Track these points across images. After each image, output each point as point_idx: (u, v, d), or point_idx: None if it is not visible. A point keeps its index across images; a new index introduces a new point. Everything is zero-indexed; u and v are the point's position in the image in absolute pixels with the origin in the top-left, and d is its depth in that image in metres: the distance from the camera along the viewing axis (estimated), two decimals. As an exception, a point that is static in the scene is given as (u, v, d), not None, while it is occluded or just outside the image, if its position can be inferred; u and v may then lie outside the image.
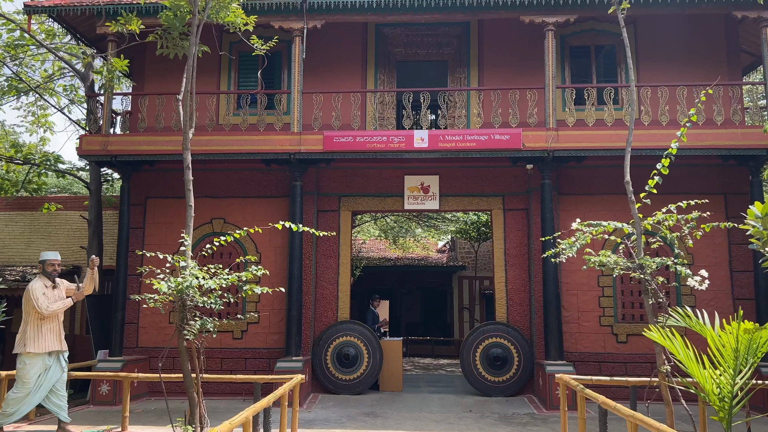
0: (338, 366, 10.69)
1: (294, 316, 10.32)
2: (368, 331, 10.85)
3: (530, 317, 10.84)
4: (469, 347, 10.64)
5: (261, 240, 11.30)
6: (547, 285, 10.08)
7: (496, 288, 11.05)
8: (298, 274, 10.48)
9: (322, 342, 10.81)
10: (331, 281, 11.21)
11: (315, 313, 11.11)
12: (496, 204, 11.22)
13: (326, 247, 11.31)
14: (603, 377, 7.29)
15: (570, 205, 11.01)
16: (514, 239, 11.10)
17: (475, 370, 10.54)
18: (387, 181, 11.40)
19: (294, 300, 10.36)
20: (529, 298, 10.91)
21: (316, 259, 11.26)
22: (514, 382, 10.45)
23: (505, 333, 10.62)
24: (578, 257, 10.99)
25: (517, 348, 10.54)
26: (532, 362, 10.54)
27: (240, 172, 11.49)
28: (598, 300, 10.74)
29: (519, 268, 11.02)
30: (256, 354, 10.95)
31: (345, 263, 11.26)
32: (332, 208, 11.39)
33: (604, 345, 10.59)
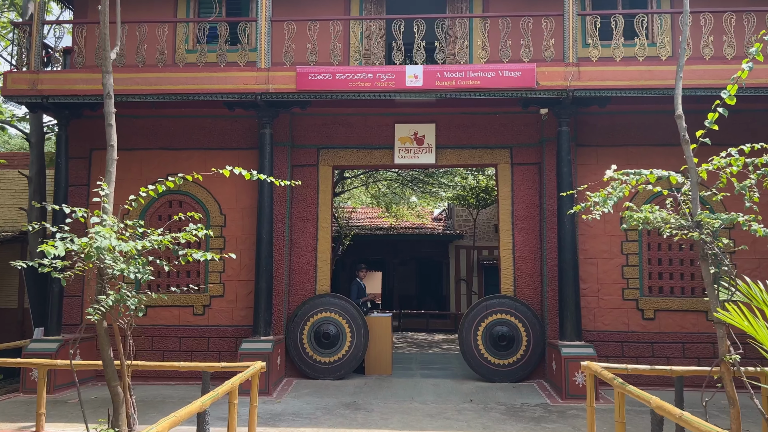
0: (316, 346, 9.13)
1: (263, 288, 8.70)
2: (352, 306, 9.27)
3: (542, 290, 9.26)
4: (470, 324, 9.07)
5: (226, 200, 9.62)
6: (563, 252, 8.47)
7: (501, 256, 9.43)
8: (268, 239, 8.82)
9: (297, 319, 9.23)
10: (309, 248, 9.57)
11: (289, 285, 9.50)
12: (503, 157, 9.53)
13: (303, 209, 9.64)
14: (641, 366, 5.74)
15: (589, 158, 9.33)
16: (523, 198, 9.44)
17: (476, 351, 8.99)
18: (374, 130, 9.67)
19: (263, 270, 8.74)
20: (541, 268, 9.31)
21: (290, 223, 9.59)
22: (521, 365, 8.92)
23: (512, 308, 9.05)
24: (598, 220, 9.38)
25: (525, 326, 8.98)
26: (543, 342, 9.00)
27: (201, 119, 9.74)
28: (621, 270, 9.14)
29: (529, 232, 9.39)
30: (220, 332, 9.37)
31: (325, 227, 9.61)
32: (309, 162, 9.68)
33: (627, 322, 9.04)
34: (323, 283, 9.50)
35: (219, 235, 9.53)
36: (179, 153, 9.74)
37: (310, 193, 9.63)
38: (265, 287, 8.70)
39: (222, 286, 9.46)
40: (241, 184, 9.61)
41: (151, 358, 9.31)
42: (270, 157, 8.94)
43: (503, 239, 9.42)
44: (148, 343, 9.37)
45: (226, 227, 9.56)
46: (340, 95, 8.53)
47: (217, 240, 9.51)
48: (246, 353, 8.26)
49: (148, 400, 7.91)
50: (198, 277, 9.54)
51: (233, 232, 9.54)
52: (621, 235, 9.17)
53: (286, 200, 9.44)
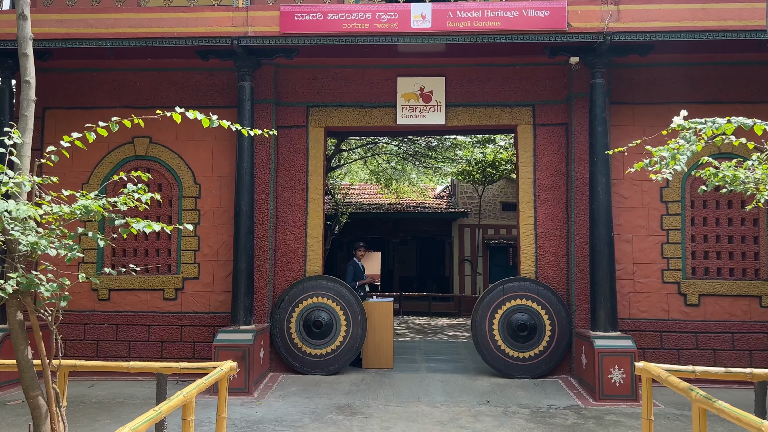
0: (306, 337, 7.86)
1: (242, 269, 7.41)
2: (347, 290, 7.98)
3: (568, 272, 7.97)
4: (484, 311, 7.80)
5: (200, 167, 8.28)
6: (596, 226, 7.17)
7: (521, 232, 8.13)
8: (248, 212, 7.50)
9: (284, 305, 7.95)
10: (297, 223, 8.25)
11: (275, 266, 8.20)
12: (524, 117, 8.17)
13: (290, 177, 8.30)
14: (713, 369, 4.50)
15: (625, 117, 7.98)
16: (547, 165, 8.10)
17: (491, 341, 7.73)
18: (373, 85, 8.29)
19: (242, 248, 7.43)
20: (567, 246, 8.01)
21: (276, 193, 8.26)
22: (544, 358, 7.67)
23: (534, 293, 7.77)
24: (635, 190, 8.05)
25: (549, 313, 7.71)
26: (569, 332, 7.74)
27: (171, 73, 8.35)
28: (661, 248, 7.85)
29: (554, 204, 8.07)
30: (195, 320, 8.09)
31: (316, 199, 8.29)
32: (297, 122, 8.32)
33: (667, 308, 7.77)
34: (314, 264, 8.20)
35: (193, 207, 8.21)
36: (146, 112, 8.32)
37: (298, 158, 8.29)
38: (244, 268, 7.40)
39: (197, 266, 8.16)
40: (218, 149, 8.27)
41: (116, 349, 8.06)
42: (250, 115, 7.58)
43: (523, 213, 8.11)
44: (112, 332, 8.10)
45: (201, 199, 8.24)
46: (332, 39, 7.14)
47: (190, 213, 8.19)
48: (222, 345, 7.01)
49: (105, 401, 6.67)
50: (169, 256, 8.24)
51: (209, 204, 8.22)
52: (661, 207, 7.86)
53: (270, 166, 8.10)
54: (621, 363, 6.76)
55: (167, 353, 8.03)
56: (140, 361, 8.04)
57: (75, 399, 6.73)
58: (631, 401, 6.65)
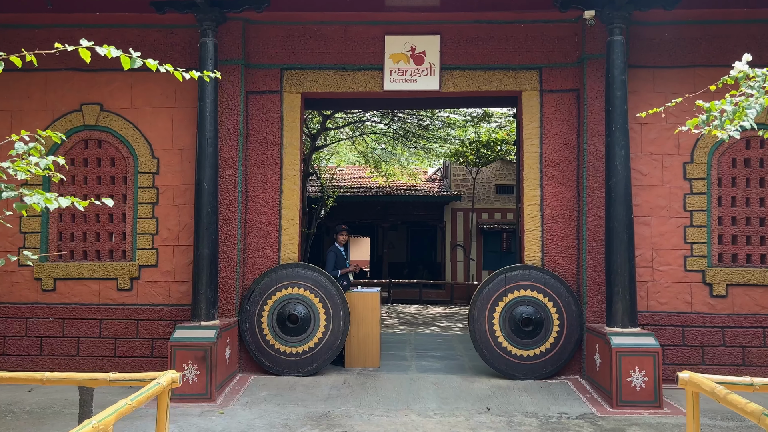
0: (280, 333, 6.88)
1: (204, 256, 6.39)
2: (327, 280, 7.00)
3: (578, 258, 7.02)
4: (484, 304, 6.85)
5: (159, 138, 7.22)
6: (613, 206, 6.20)
7: (524, 214, 7.15)
8: (211, 190, 6.47)
9: (254, 296, 6.96)
10: (270, 203, 7.23)
11: (244, 252, 7.19)
12: (529, 82, 7.16)
13: (261, 150, 7.26)
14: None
15: (644, 83, 6.99)
16: (556, 137, 7.12)
17: (491, 338, 6.79)
18: (357, 44, 7.23)
19: (204, 231, 6.41)
20: (578, 229, 7.05)
21: (245, 169, 7.23)
22: (552, 357, 6.75)
23: (540, 282, 6.82)
24: (654, 166, 7.09)
25: (557, 306, 6.78)
26: (580, 327, 6.81)
27: (124, 31, 7.24)
28: (684, 232, 6.92)
29: (563, 182, 7.10)
30: (153, 313, 7.07)
31: (292, 175, 7.26)
32: (270, 87, 7.26)
33: (690, 300, 6.86)
34: (290, 250, 7.20)
35: (150, 185, 7.16)
36: (97, 76, 7.26)
37: (271, 129, 7.24)
38: (207, 255, 6.39)
39: (155, 252, 7.13)
40: (180, 118, 7.21)
41: (62, 347, 7.04)
42: (214, 80, 6.47)
43: (528, 192, 7.13)
44: (58, 327, 7.07)
45: (160, 175, 7.18)
46: (308, -14, 6.08)
47: (147, 192, 7.15)
48: (179, 345, 6.01)
49: (40, 410, 5.67)
50: (124, 241, 7.20)
51: (169, 181, 7.17)
52: (684, 185, 6.91)
53: (239, 138, 7.05)
54: (642, 364, 5.84)
55: (122, 351, 7.03)
56: (92, 360, 7.05)
57: (5, 408, 5.73)
58: (653, 408, 5.75)
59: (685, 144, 6.94)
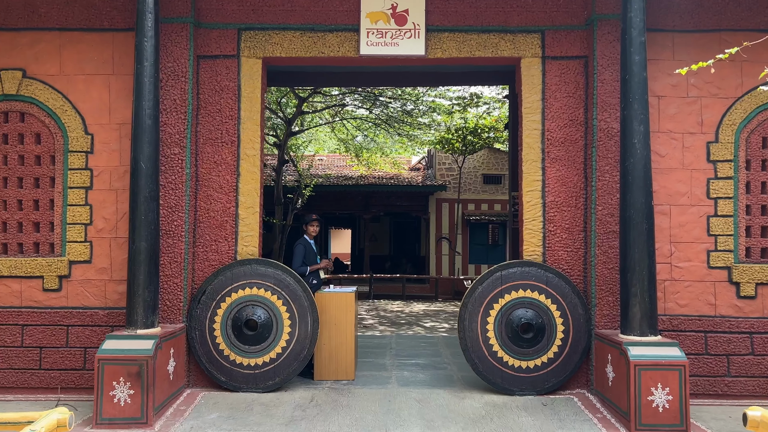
0: (236, 341, 5.82)
1: (142, 250, 5.29)
2: (293, 279, 5.94)
3: (586, 253, 6.05)
4: (476, 306, 5.85)
5: (94, 111, 6.09)
6: (630, 192, 5.22)
7: (523, 201, 6.16)
8: (150, 171, 5.36)
9: (206, 298, 5.88)
10: (225, 187, 6.14)
11: (194, 245, 6.10)
12: (530, 47, 6.14)
13: (215, 126, 6.16)
14: None
15: (662, 50, 6.02)
16: (560, 112, 6.12)
17: (485, 346, 5.80)
18: (329, 1, 6.15)
19: (141, 220, 5.31)
20: (585, 219, 6.08)
21: (196, 147, 6.13)
22: (555, 368, 5.78)
23: (542, 281, 5.84)
24: (673, 146, 6.12)
25: (562, 309, 5.80)
26: (587, 334, 5.84)
27: (52, -18, 6.08)
28: (707, 222, 5.97)
29: (568, 164, 6.10)
30: (87, 318, 5.97)
31: (252, 155, 6.17)
32: (226, 51, 6.15)
33: (714, 302, 5.93)
34: (249, 243, 6.13)
35: (83, 166, 6.03)
36: (19, 36, 6.10)
37: (226, 100, 6.15)
38: (144, 249, 5.29)
39: (88, 246, 6.01)
40: (118, 87, 6.08)
41: (-25, 359, 5.91)
42: (154, 38, 5.39)
43: (527, 176, 6.13)
44: (-28, 335, 5.94)
45: (95, 155, 6.06)
46: None
47: (80, 174, 6.02)
48: (108, 358, 4.94)
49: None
50: (51, 232, 6.07)
51: (105, 161, 6.05)
52: (707, 168, 5.96)
53: (187, 110, 5.94)
54: (666, 380, 4.89)
55: (48, 363, 5.92)
56: (12, 374, 5.93)
57: None
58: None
59: (710, 120, 5.98)
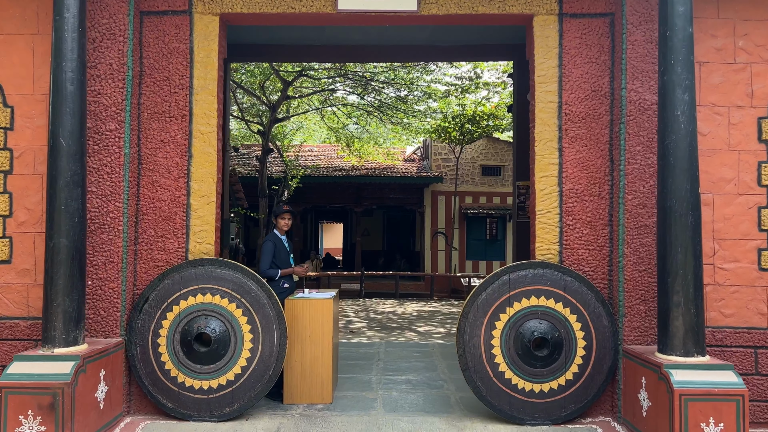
0: (185, 359, 4.77)
1: (61, 248, 4.23)
2: (255, 283, 4.88)
3: (612, 253, 5.01)
4: (479, 316, 4.81)
5: (14, 80, 5.00)
6: (671, 177, 4.19)
7: (537, 189, 5.11)
8: (73, 150, 4.29)
9: (150, 306, 4.82)
10: (174, 172, 5.07)
11: (136, 242, 5.03)
12: (543, 1, 5.08)
13: (162, 96, 5.08)
14: None
15: (704, 5, 4.97)
16: (580, 81, 5.06)
17: (489, 365, 4.77)
18: (300, -55, 5.08)
19: (61, 211, 4.24)
20: (610, 212, 5.03)
21: (138, 123, 5.05)
22: (574, 392, 4.75)
23: (558, 287, 4.80)
24: (717, 122, 5.00)
25: (583, 319, 4.77)
26: (613, 350, 4.81)
27: None
28: (758, 215, 4.94)
29: (590, 144, 5.06)
30: (5, 330, 4.89)
31: (207, 133, 5.10)
32: (175, 6, 5.07)
33: (766, 311, 4.90)
34: (203, 239, 5.06)
35: (1, 145, 4.95)
36: None
37: (176, 66, 5.07)
38: (65, 247, 4.23)
39: (8, 242, 4.94)
40: (44, 50, 4.99)
41: None
42: (82, -18, 4.31)
43: (541, 159, 5.08)
44: None
45: (16, 131, 4.97)
46: None
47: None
48: (14, 386, 3.89)
49: None
50: (-37, 225, 4.99)
51: (29, 140, 4.97)
52: (758, 150, 4.93)
53: (126, 77, 4.86)
54: (720, 413, 3.88)
55: (-41, 385, 4.85)
56: None
57: None
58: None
59: (762, 92, 4.95)
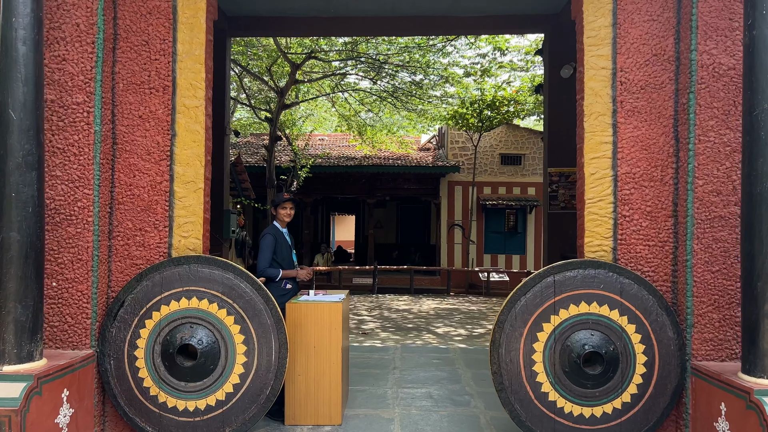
0: (166, 375, 4.03)
1: (12, 243, 3.48)
2: (250, 285, 4.11)
3: (676, 250, 4.17)
4: (517, 326, 4.00)
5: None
6: (762, 156, 3.34)
7: (585, 173, 4.28)
8: (28, 125, 3.53)
9: (126, 312, 4.07)
10: (156, 154, 4.30)
11: (109, 236, 4.28)
12: (596, -53, 4.24)
13: (139, 64, 4.31)
14: None
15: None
16: (639, 43, 4.22)
17: (529, 384, 3.97)
18: None
19: (11, 198, 3.49)
20: (675, 200, 4.19)
21: (112, 95, 4.29)
22: (632, 418, 3.94)
23: (614, 291, 3.98)
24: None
25: (643, 330, 3.95)
26: (680, 367, 3.99)
27: None
28: None
29: (651, 119, 4.21)
30: (-41, 340, 4.18)
31: (194, 108, 4.32)
32: (154, -45, 4.29)
33: None
34: (189, 233, 4.30)
35: (-47, 123, 4.21)
36: None
37: (156, 27, 4.30)
38: (16, 242, 3.48)
39: (-39, 237, 4.21)
40: (3, 11, 4.22)
41: None
42: None
43: (591, 137, 4.25)
44: None
45: (-30, 106, 4.23)
46: None
47: (-53, 134, 4.19)
48: (-51, 414, 3.14)
49: None
50: None
51: (-15, 116, 4.22)
52: None
53: (96, 38, 4.09)
54: (832, 455, 3.05)
55: None
56: None
57: None
58: None
59: None
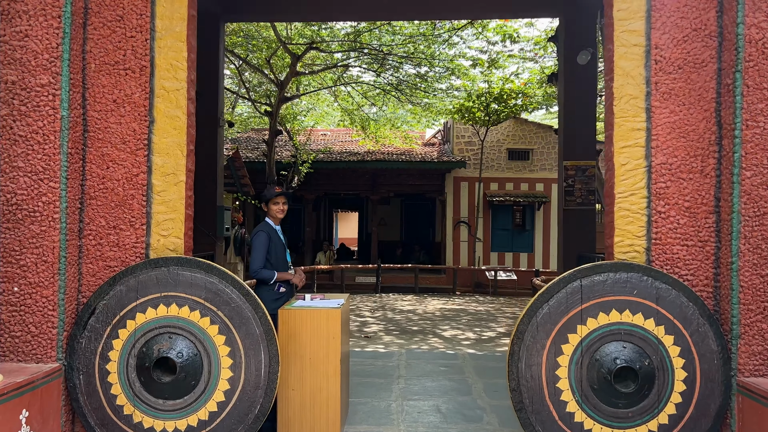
0: (142, 392, 3.57)
1: (-40, 245, 3.03)
2: (237, 291, 3.65)
3: (718, 251, 3.69)
4: (539, 337, 3.53)
5: None
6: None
7: (615, 163, 3.80)
8: (-24, 105, 3.08)
9: (96, 320, 3.62)
10: (131, 143, 3.84)
11: (79, 235, 3.83)
12: None
13: (113, 42, 3.84)
14: None
15: None
16: (675, 17, 3.73)
17: (552, 402, 3.50)
18: None
19: (-40, 192, 3.04)
20: (716, 194, 3.70)
21: (82, 76, 3.83)
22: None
23: (648, 297, 3.50)
24: None
25: (683, 341, 3.48)
26: (725, 384, 3.51)
27: None
28: None
29: (690, 102, 3.73)
30: None
31: (175, 91, 3.86)
32: None
33: None
34: (168, 231, 3.85)
35: None
36: None
37: (132, 0, 3.83)
38: (-35, 242, 3.03)
39: None
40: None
41: None
42: None
43: (621, 123, 3.77)
44: None
45: (-75, 89, 3.78)
46: None
47: None
48: None
49: None
50: None
51: (-59, 101, 3.76)
52: None
53: (63, 11, 3.63)
54: None
55: None
56: None
57: None
58: None
59: None
